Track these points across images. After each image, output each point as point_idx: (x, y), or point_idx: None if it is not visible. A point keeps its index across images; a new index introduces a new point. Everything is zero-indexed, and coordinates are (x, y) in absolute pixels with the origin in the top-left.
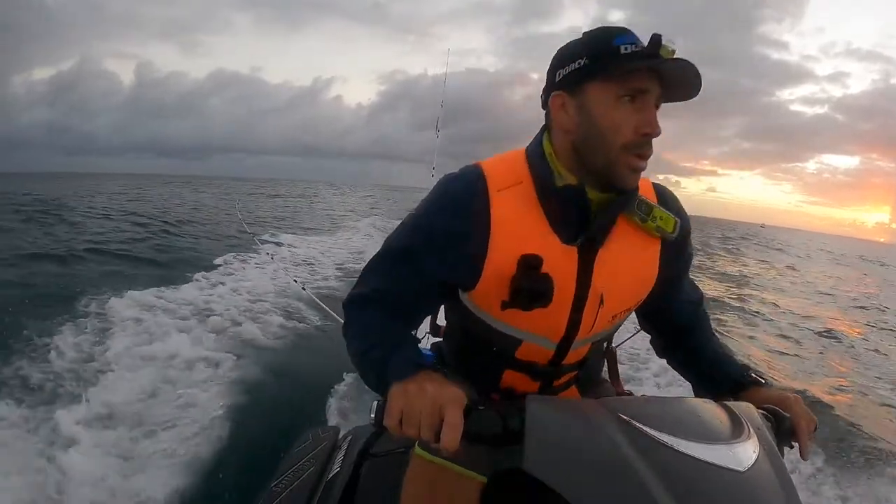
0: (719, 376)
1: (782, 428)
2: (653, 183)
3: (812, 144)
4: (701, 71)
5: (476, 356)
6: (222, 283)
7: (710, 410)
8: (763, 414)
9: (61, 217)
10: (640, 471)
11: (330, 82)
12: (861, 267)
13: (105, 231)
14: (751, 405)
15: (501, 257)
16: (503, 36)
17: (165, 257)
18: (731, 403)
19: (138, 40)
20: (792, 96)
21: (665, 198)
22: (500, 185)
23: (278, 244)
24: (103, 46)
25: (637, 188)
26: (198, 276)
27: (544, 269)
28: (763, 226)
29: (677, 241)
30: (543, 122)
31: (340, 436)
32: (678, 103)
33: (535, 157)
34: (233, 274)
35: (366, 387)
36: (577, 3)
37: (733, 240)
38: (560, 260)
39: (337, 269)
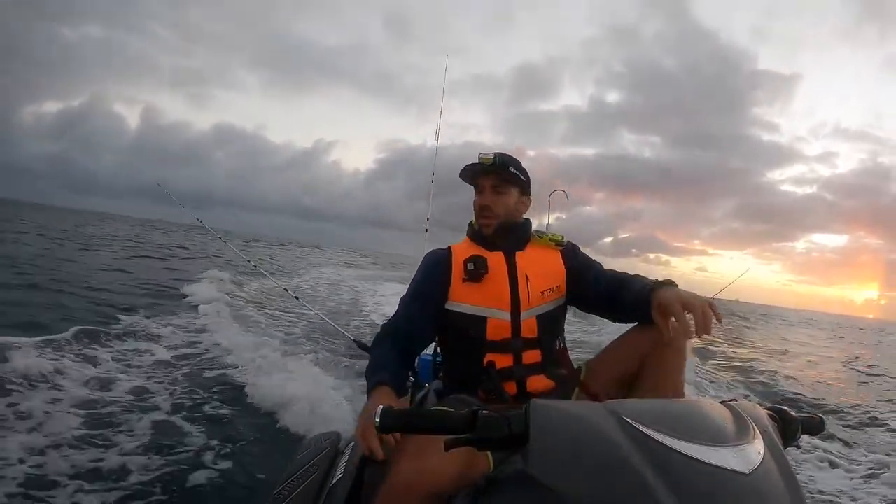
0: (632, 296)
1: (788, 428)
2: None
3: (801, 224)
4: (694, 153)
5: (462, 348)
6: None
7: (714, 411)
8: (769, 414)
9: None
10: (644, 474)
11: (331, 146)
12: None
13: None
14: (756, 405)
15: (458, 263)
16: (502, 112)
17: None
18: (736, 404)
19: (150, 87)
20: (782, 176)
21: (559, 239)
22: (456, 244)
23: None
24: (115, 88)
25: (520, 231)
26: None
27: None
28: (737, 300)
29: (570, 249)
30: (539, 198)
31: (343, 442)
32: (674, 187)
33: (469, 224)
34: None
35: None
36: (575, 84)
37: None
38: (491, 256)
39: None
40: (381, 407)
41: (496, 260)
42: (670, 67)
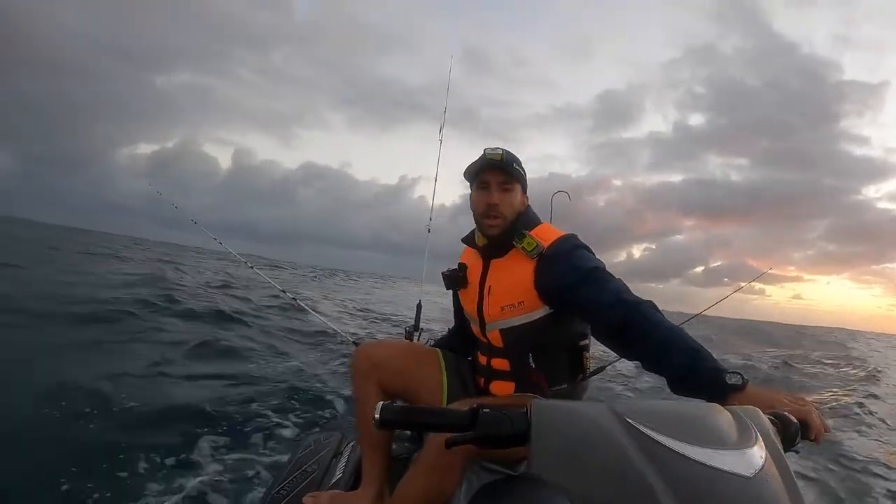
0: (692, 377)
1: (788, 433)
2: (564, 235)
3: None
4: (782, 174)
5: (466, 342)
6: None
7: (715, 414)
8: (770, 418)
9: None
10: (647, 475)
11: (415, 182)
12: None
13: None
14: (757, 409)
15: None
16: (585, 141)
17: None
18: (737, 408)
19: (239, 128)
20: (878, 193)
21: (555, 242)
22: (468, 248)
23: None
24: (206, 131)
25: (508, 235)
26: None
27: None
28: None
29: (549, 258)
30: (623, 229)
31: (342, 443)
32: (764, 210)
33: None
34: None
35: None
36: (657, 109)
37: None
38: (474, 263)
39: None
40: (380, 403)
41: (473, 269)
42: (752, 84)
